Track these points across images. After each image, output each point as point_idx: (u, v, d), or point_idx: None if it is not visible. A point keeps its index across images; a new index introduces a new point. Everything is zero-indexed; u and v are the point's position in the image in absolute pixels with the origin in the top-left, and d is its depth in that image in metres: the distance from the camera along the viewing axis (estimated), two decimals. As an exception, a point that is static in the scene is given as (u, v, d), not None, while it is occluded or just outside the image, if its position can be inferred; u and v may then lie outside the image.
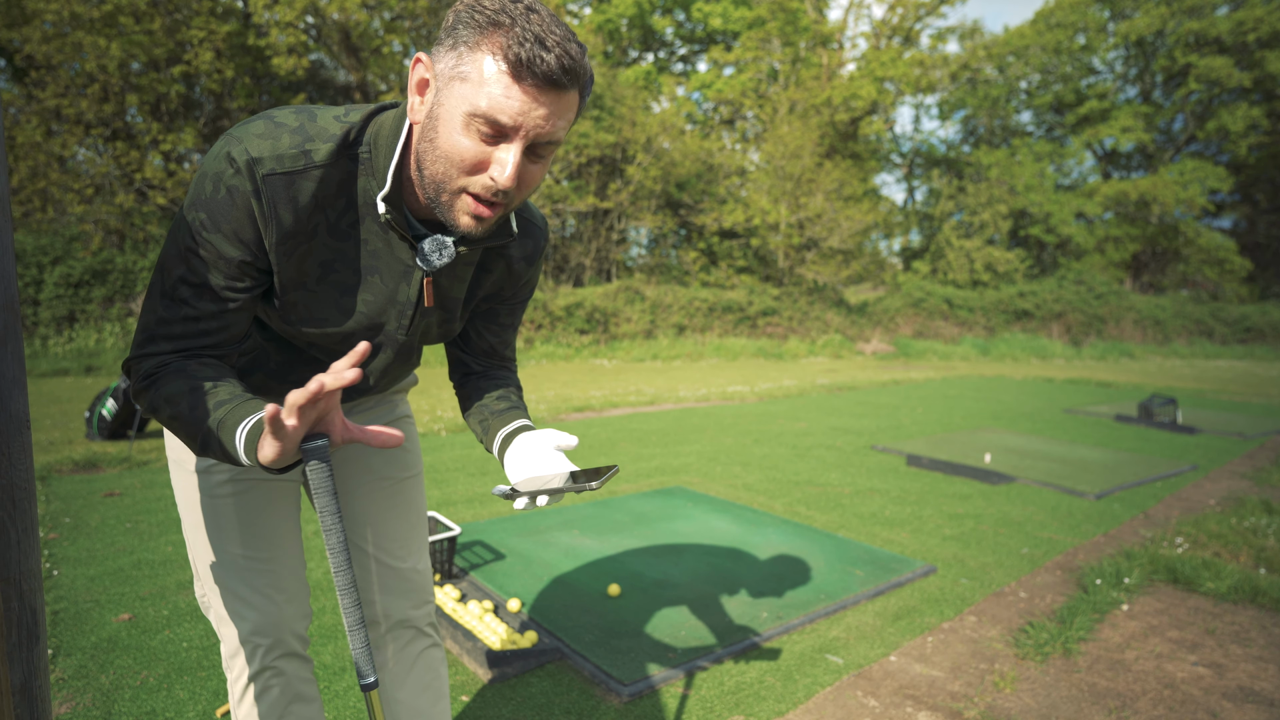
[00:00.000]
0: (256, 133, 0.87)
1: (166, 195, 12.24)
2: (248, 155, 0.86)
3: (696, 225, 18.93)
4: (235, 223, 0.87)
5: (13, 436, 0.78)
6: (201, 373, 0.89)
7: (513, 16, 0.79)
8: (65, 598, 2.41)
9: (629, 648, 2.12)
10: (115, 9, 11.11)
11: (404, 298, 1.01)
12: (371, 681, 0.85)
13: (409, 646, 1.30)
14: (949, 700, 1.93)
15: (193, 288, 0.89)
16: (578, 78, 0.83)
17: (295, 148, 0.88)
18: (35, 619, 0.81)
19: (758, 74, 21.36)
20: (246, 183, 0.86)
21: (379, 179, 0.92)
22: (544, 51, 0.78)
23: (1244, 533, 3.34)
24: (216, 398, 0.85)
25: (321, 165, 0.90)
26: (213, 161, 0.87)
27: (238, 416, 0.83)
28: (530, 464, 1.03)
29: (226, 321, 0.92)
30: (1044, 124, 28.16)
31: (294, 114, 0.91)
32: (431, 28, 14.65)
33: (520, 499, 0.95)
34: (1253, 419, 7.48)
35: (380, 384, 1.18)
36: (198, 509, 1.13)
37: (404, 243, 0.97)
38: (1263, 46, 22.81)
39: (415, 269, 0.99)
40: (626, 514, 3.56)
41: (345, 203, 0.94)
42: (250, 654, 1.11)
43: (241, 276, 0.91)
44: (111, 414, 4.77)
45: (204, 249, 0.88)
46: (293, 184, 0.88)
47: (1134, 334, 21.15)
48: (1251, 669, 2.14)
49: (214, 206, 0.86)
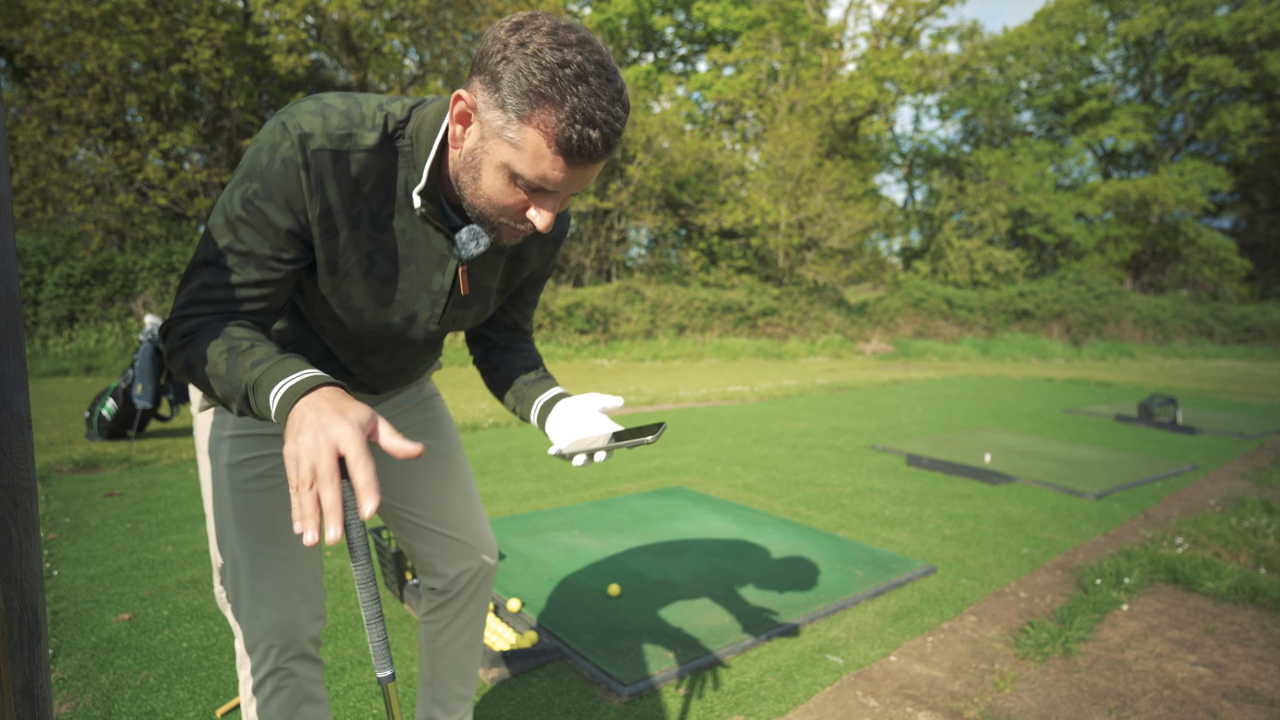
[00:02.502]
0: (308, 110, 0.91)
1: (167, 195, 12.25)
2: (300, 130, 0.90)
3: (696, 225, 18.93)
4: (287, 192, 0.90)
5: (14, 436, 0.78)
6: (237, 333, 0.90)
7: (562, 90, 0.80)
8: (65, 598, 2.41)
9: (629, 648, 2.12)
10: (115, 8, 11.12)
11: (438, 286, 1.05)
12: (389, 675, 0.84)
13: (469, 607, 1.40)
14: (949, 700, 1.93)
15: (239, 255, 0.92)
16: (619, 139, 0.86)
17: (342, 129, 0.91)
18: (37, 619, 0.81)
19: (757, 74, 21.36)
20: (297, 155, 0.89)
21: (417, 173, 0.95)
22: (592, 130, 0.81)
23: (1244, 533, 3.34)
24: (253, 357, 0.86)
25: (365, 150, 0.93)
26: (267, 135, 0.91)
27: (273, 377, 0.83)
28: (574, 427, 1.07)
29: (267, 292, 0.94)
30: (1044, 124, 28.16)
31: (342, 99, 0.94)
32: (432, 27, 14.65)
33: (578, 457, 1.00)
34: (1253, 419, 7.49)
35: (413, 369, 1.23)
36: (226, 503, 1.14)
37: (440, 234, 1.00)
38: (1262, 46, 22.81)
39: (450, 258, 1.02)
40: (626, 514, 3.56)
41: (385, 194, 0.97)
42: (264, 653, 1.12)
43: (287, 247, 0.94)
44: (111, 414, 4.77)
45: (254, 218, 0.91)
46: (338, 162, 0.92)
47: (1134, 334, 21.16)
48: (1251, 669, 2.14)
49: (268, 177, 0.90)
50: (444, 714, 1.47)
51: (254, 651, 1.12)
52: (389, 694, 0.86)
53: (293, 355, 0.87)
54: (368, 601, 0.81)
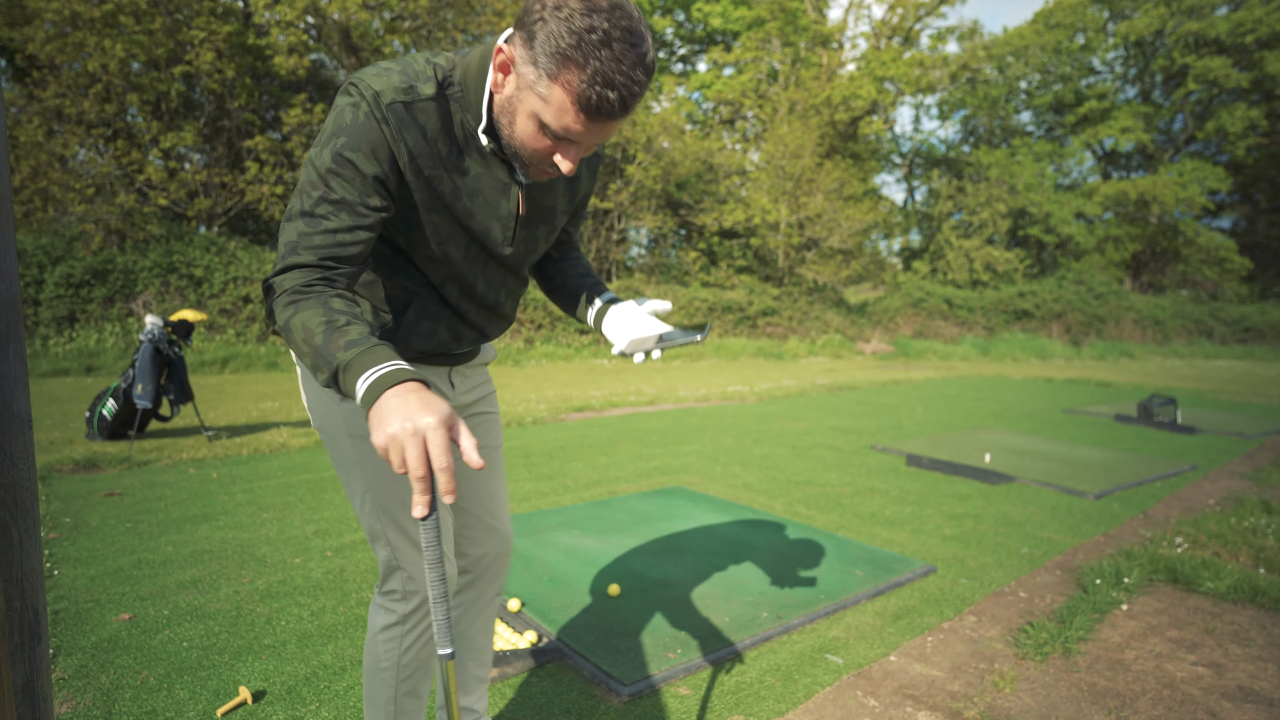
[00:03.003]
0: (372, 73, 1.03)
1: (167, 195, 12.25)
2: (371, 89, 1.01)
3: (696, 225, 18.93)
4: (373, 142, 1.01)
5: (15, 436, 0.78)
6: (337, 305, 0.98)
7: (586, 54, 0.90)
8: (66, 598, 2.41)
9: (629, 648, 2.12)
10: (116, 9, 11.12)
11: (505, 211, 1.17)
12: (450, 652, 0.89)
13: (487, 591, 1.52)
14: (949, 700, 1.94)
15: (332, 204, 1.02)
16: (639, 101, 0.97)
17: (404, 83, 1.03)
18: (37, 619, 0.81)
19: (757, 74, 21.36)
20: (375, 110, 1.01)
21: (474, 114, 1.08)
22: (610, 93, 0.92)
23: (1244, 533, 3.35)
24: (348, 336, 0.93)
25: (427, 99, 1.05)
26: (343, 99, 1.03)
27: (364, 363, 0.90)
28: (629, 329, 1.23)
29: (359, 237, 1.04)
30: (1044, 124, 28.17)
31: (394, 61, 1.07)
32: (432, 28, 14.65)
33: (637, 355, 1.17)
34: (1253, 419, 7.49)
35: (508, 304, 1.34)
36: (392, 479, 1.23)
37: (503, 164, 1.13)
38: (1262, 47, 22.82)
39: (512, 185, 1.16)
40: (626, 514, 3.56)
41: (448, 135, 1.09)
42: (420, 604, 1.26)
43: (373, 194, 1.03)
44: (112, 414, 4.77)
45: (344, 169, 1.01)
46: (410, 111, 1.03)
47: (1134, 334, 21.16)
48: (1251, 669, 2.14)
49: (354, 130, 1.01)
50: (463, 695, 1.54)
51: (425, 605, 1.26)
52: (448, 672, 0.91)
53: (383, 343, 0.94)
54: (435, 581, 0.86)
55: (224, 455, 4.59)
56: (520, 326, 13.63)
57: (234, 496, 3.68)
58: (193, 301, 10.91)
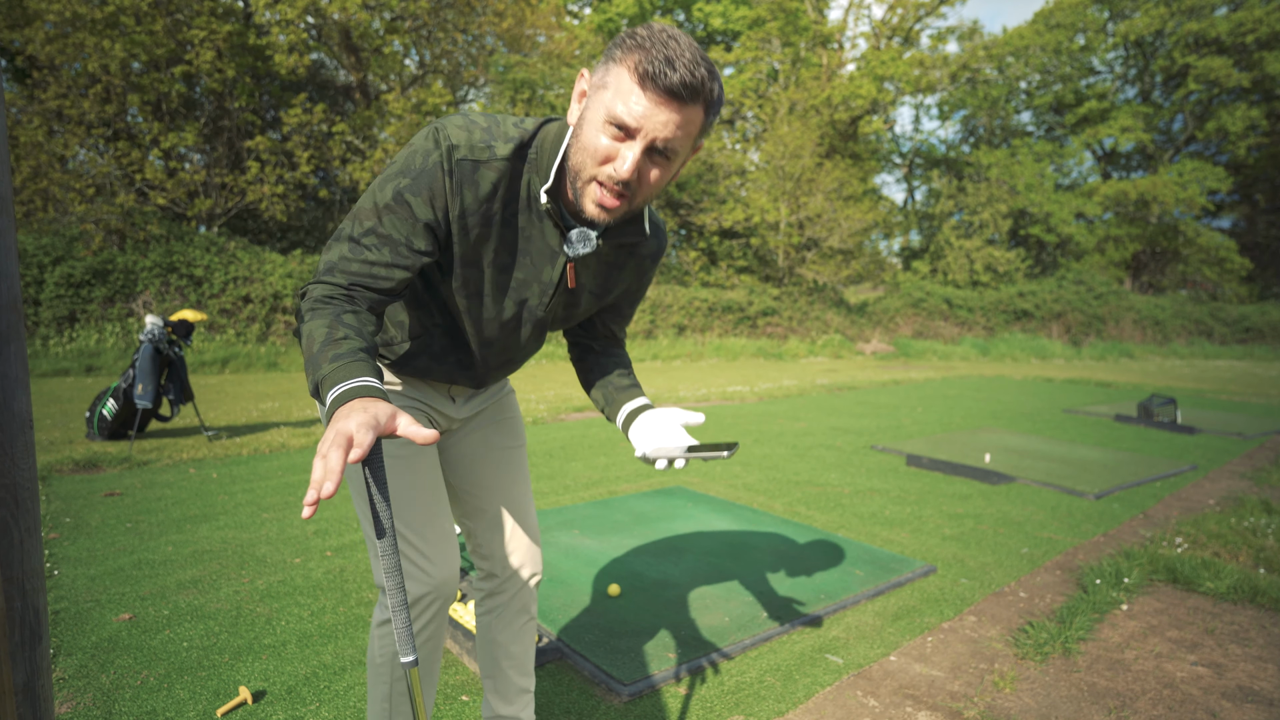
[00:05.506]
0: (457, 124, 1.08)
1: (167, 195, 12.25)
2: (449, 141, 1.06)
3: (696, 225, 18.93)
4: (432, 190, 1.06)
5: (15, 436, 0.78)
6: (345, 321, 0.99)
7: (653, 41, 0.97)
8: (66, 598, 2.41)
9: (629, 648, 2.12)
10: (117, 9, 11.12)
11: (548, 278, 1.20)
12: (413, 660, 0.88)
13: (519, 595, 1.51)
14: (949, 700, 1.94)
15: (379, 238, 1.06)
16: (699, 94, 0.99)
17: (484, 142, 1.08)
18: (38, 618, 0.81)
19: (758, 74, 21.36)
20: (444, 161, 1.05)
21: (543, 175, 1.11)
22: (670, 69, 0.95)
23: (1243, 533, 3.35)
24: (337, 350, 0.95)
25: (502, 159, 1.09)
26: (421, 141, 1.07)
27: (336, 379, 0.91)
28: (656, 437, 1.22)
29: (394, 275, 1.07)
30: (1044, 124, 28.16)
31: (485, 117, 1.11)
32: (432, 28, 14.66)
33: (660, 461, 1.15)
34: (1252, 419, 7.49)
35: (519, 359, 1.37)
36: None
37: (556, 231, 1.15)
38: (1262, 47, 22.81)
39: (561, 254, 1.18)
40: (626, 514, 3.56)
41: (511, 195, 1.12)
42: (429, 605, 1.26)
43: (420, 238, 1.08)
44: (112, 414, 4.77)
45: (400, 208, 1.06)
46: (476, 170, 1.08)
47: (1134, 334, 21.16)
48: (1251, 669, 2.14)
49: (421, 175, 1.06)
50: (505, 705, 1.56)
51: (418, 605, 1.25)
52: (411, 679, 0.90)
53: (363, 359, 0.95)
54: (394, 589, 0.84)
55: (224, 455, 4.59)
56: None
57: (234, 496, 3.68)
58: (193, 301, 10.91)
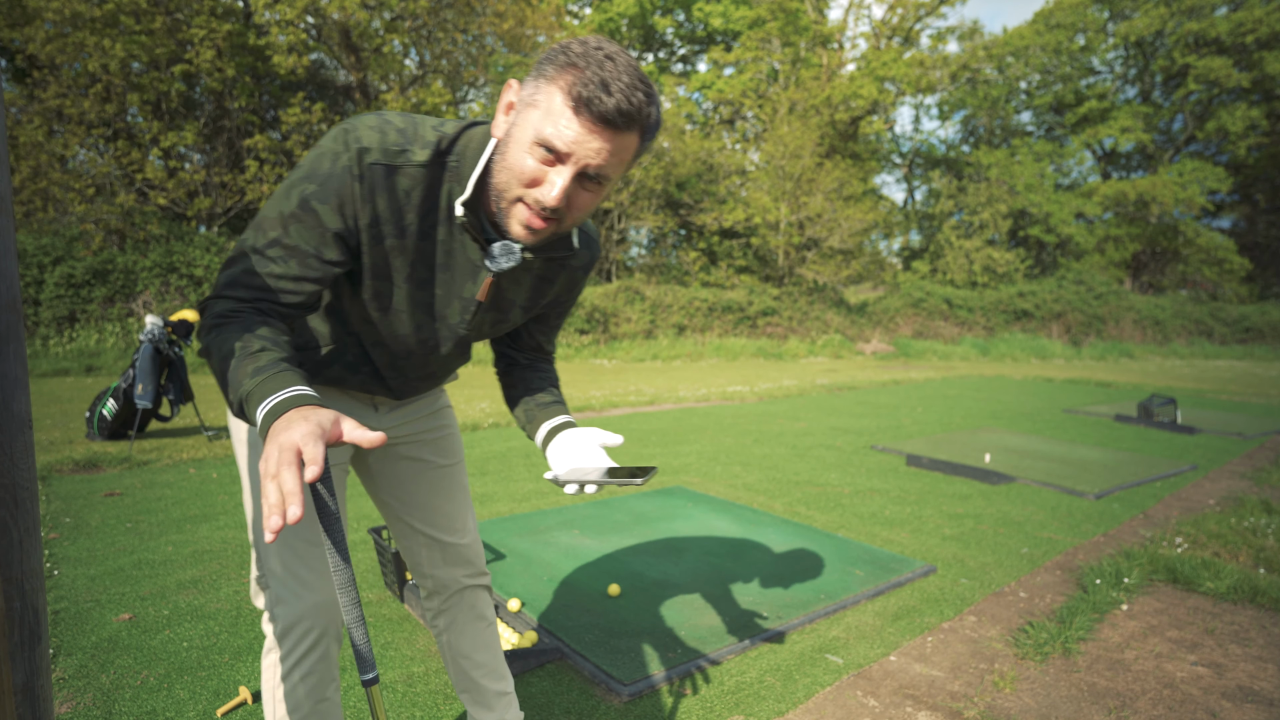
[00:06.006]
0: (369, 125, 0.99)
1: (167, 195, 12.25)
2: (359, 144, 0.97)
3: (696, 225, 18.93)
4: (341, 197, 0.98)
5: (15, 436, 0.78)
6: (260, 332, 0.94)
7: (589, 61, 0.90)
8: (66, 598, 2.41)
9: (629, 648, 2.12)
10: (116, 9, 11.12)
11: (469, 294, 1.13)
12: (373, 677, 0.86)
13: (469, 610, 1.47)
14: (949, 700, 1.94)
15: (284, 249, 0.98)
16: (634, 121, 0.92)
17: (398, 145, 0.99)
18: (38, 619, 0.81)
19: (758, 74, 21.37)
20: (354, 165, 0.97)
21: (462, 186, 1.03)
22: (605, 94, 0.89)
23: (1243, 533, 3.35)
24: (257, 363, 0.90)
25: (417, 165, 1.00)
26: (329, 143, 0.98)
27: (263, 392, 0.87)
28: (573, 458, 1.14)
29: (303, 288, 1.00)
30: (1044, 124, 28.16)
31: (402, 117, 1.02)
32: (432, 28, 14.65)
33: (570, 485, 1.06)
34: (1252, 419, 7.49)
35: (441, 374, 1.30)
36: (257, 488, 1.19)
37: (476, 245, 1.08)
38: (1262, 47, 22.81)
39: (483, 269, 1.10)
40: (626, 514, 3.56)
41: (430, 206, 1.04)
42: (302, 635, 1.17)
43: (330, 248, 1.00)
44: (112, 414, 4.77)
45: (306, 217, 0.97)
46: (390, 176, 0.99)
47: (1134, 334, 21.16)
48: (1251, 669, 2.14)
49: (328, 180, 0.97)
50: (487, 712, 1.52)
51: (290, 635, 1.16)
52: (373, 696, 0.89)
53: (287, 369, 0.90)
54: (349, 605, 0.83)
55: (224, 455, 4.59)
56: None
57: (234, 496, 3.68)
58: (193, 301, 10.91)
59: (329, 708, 1.24)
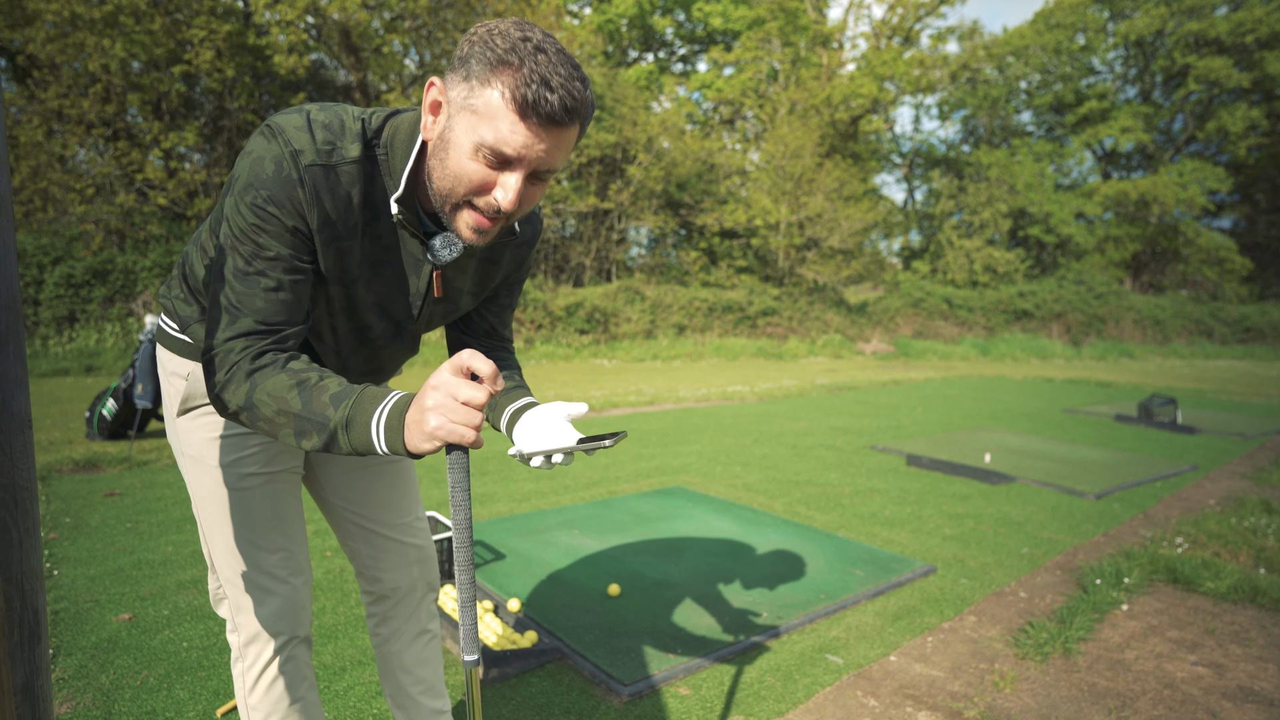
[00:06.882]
0: (295, 125, 0.94)
1: (167, 195, 12.25)
2: (291, 147, 0.92)
3: (697, 225, 18.93)
4: (292, 200, 0.93)
5: (15, 436, 0.78)
6: (297, 366, 0.92)
7: (521, 57, 0.84)
8: (65, 598, 2.41)
9: (629, 648, 2.12)
10: (116, 9, 11.12)
11: (414, 289, 1.10)
12: (475, 659, 0.87)
13: (414, 622, 1.41)
14: (949, 700, 1.94)
15: (266, 260, 0.93)
16: (578, 115, 0.89)
17: (327, 144, 0.95)
18: (37, 619, 0.81)
19: (758, 74, 21.36)
20: (293, 171, 0.92)
21: (394, 181, 0.99)
22: (548, 93, 0.84)
23: (1244, 533, 3.35)
24: (329, 391, 0.89)
25: (350, 162, 0.97)
26: (262, 147, 0.93)
27: (365, 413, 0.87)
28: (538, 434, 1.07)
29: (298, 293, 0.96)
30: (1044, 124, 28.15)
31: (322, 110, 0.98)
32: (432, 28, 14.65)
33: (536, 458, 1.01)
34: (1253, 419, 7.48)
35: (389, 368, 1.28)
36: (221, 502, 1.17)
37: (415, 239, 1.04)
38: (1262, 47, 22.80)
39: (425, 263, 1.07)
40: (626, 514, 3.56)
41: (366, 201, 1.00)
42: (267, 641, 1.16)
43: (303, 249, 0.96)
44: (111, 414, 4.77)
45: (268, 224, 0.92)
46: (329, 176, 0.95)
47: (1134, 334, 21.15)
48: (1251, 669, 2.14)
49: (273, 184, 0.92)
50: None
51: (258, 640, 1.16)
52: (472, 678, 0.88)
53: (365, 384, 0.91)
54: (465, 584, 0.84)
55: (224, 455, 4.58)
56: (520, 326, 13.63)
57: (234, 496, 3.67)
58: (193, 301, 10.90)
59: (305, 707, 1.23)
